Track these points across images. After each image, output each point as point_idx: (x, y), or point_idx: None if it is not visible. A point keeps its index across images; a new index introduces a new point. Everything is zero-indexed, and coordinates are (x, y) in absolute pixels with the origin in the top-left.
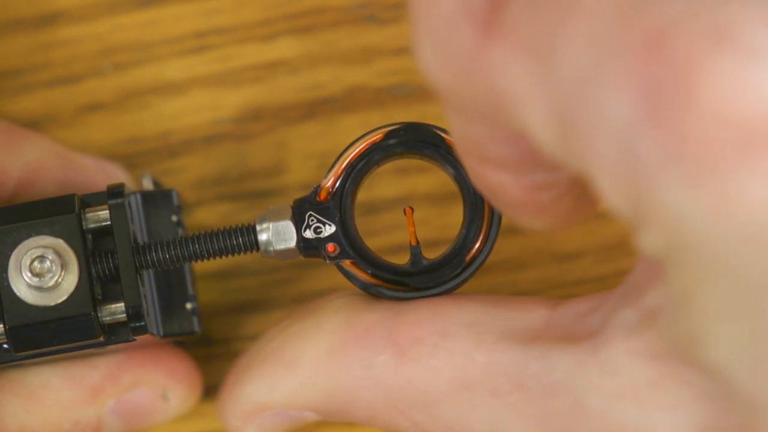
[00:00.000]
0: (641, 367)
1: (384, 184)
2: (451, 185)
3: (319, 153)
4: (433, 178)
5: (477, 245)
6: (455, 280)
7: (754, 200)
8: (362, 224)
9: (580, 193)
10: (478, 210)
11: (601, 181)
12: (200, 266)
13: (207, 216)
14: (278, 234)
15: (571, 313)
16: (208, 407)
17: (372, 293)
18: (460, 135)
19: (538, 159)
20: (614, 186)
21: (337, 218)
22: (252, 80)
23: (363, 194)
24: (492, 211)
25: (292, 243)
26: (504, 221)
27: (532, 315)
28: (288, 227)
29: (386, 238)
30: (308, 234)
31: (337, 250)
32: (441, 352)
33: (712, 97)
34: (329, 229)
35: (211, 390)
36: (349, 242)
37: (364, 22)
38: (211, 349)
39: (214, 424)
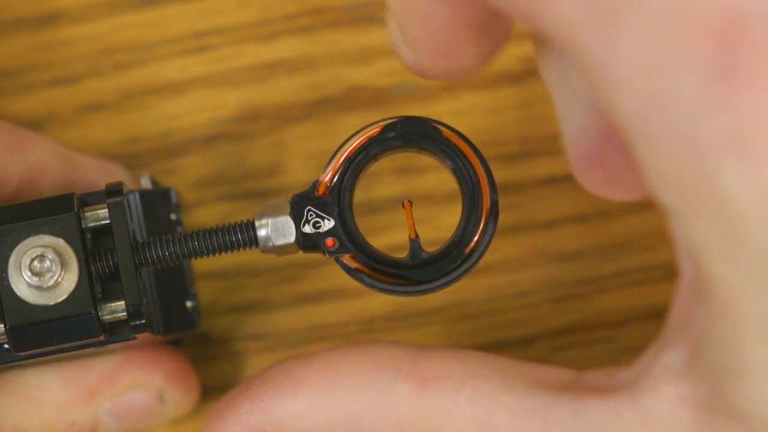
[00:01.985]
0: (683, 417)
1: (384, 184)
2: (451, 185)
3: (318, 153)
4: (433, 178)
5: (476, 237)
6: (455, 272)
7: None
8: (362, 224)
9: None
10: (477, 202)
11: (648, 157)
12: (200, 266)
13: (207, 216)
14: (277, 229)
15: (600, 374)
16: (206, 408)
17: (371, 287)
18: None
19: None
20: (664, 162)
21: (335, 213)
22: (252, 80)
23: (363, 194)
24: (491, 203)
25: (291, 238)
26: (502, 219)
27: (559, 373)
28: (287, 222)
29: (386, 238)
30: (307, 229)
31: (337, 245)
32: (467, 389)
33: None
34: (328, 224)
35: (209, 390)
36: (348, 236)
37: (364, 22)
38: (211, 349)
39: None
